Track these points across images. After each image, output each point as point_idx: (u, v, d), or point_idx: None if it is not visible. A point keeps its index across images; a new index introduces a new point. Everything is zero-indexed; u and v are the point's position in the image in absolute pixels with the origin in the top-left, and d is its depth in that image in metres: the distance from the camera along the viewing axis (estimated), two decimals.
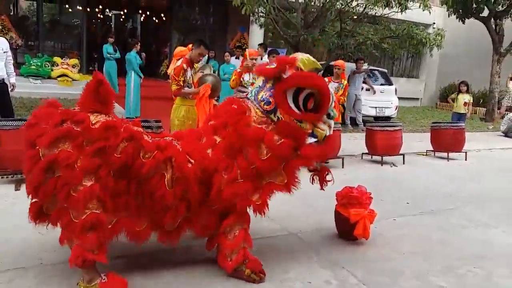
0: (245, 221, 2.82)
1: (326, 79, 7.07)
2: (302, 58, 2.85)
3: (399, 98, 11.92)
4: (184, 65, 4.53)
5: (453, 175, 6.33)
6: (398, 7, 8.90)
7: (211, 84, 4.64)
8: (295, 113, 2.71)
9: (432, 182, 5.85)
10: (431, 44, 9.51)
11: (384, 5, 8.27)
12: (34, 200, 2.47)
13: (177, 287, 2.64)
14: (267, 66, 2.93)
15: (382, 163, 6.79)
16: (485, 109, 14.98)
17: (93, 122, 2.42)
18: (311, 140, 2.77)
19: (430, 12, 8.77)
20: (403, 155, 7.02)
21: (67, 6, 16.41)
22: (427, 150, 7.97)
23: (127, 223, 2.52)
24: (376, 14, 9.29)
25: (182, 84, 4.56)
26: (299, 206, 4.45)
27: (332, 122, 2.92)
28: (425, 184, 5.67)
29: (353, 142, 8.46)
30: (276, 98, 2.73)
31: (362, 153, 7.20)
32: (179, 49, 5.27)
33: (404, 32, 9.33)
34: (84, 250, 2.37)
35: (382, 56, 15.59)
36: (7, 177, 4.67)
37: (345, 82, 6.95)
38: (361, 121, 10.21)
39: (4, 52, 5.45)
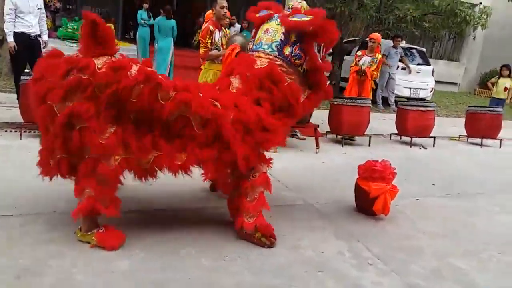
0: (266, 184, 2.73)
1: (360, 53, 6.80)
2: None
3: (436, 82, 11.39)
4: (211, 27, 4.42)
5: (485, 162, 6.02)
6: None
7: (240, 44, 4.51)
8: (320, 64, 2.98)
9: (462, 167, 5.58)
10: (476, 23, 8.92)
11: None
12: (60, 157, 2.37)
13: (178, 245, 2.58)
14: (290, 18, 2.88)
15: (411, 144, 6.54)
16: None
17: (99, 66, 2.30)
18: None
19: None
20: (434, 138, 6.73)
21: None
22: (460, 135, 7.62)
23: (165, 160, 2.44)
24: None
25: (209, 47, 4.45)
26: (319, 179, 4.35)
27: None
28: (454, 169, 5.41)
29: (382, 122, 8.19)
30: (308, 52, 2.90)
31: (391, 134, 6.95)
32: (209, 12, 5.15)
33: (447, 8, 8.78)
34: (97, 201, 2.36)
35: (422, 36, 14.86)
36: (34, 132, 4.76)
37: (379, 56, 6.65)
38: (393, 101, 9.84)
39: (38, 9, 5.48)
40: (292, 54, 2.87)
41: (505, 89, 8.82)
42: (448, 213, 3.66)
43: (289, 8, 3.17)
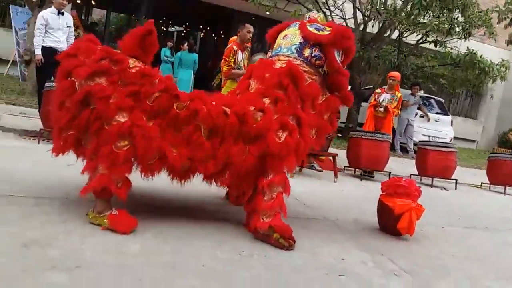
0: (284, 185, 2.64)
1: (379, 90, 6.82)
2: None
3: (454, 138, 11.32)
4: (234, 47, 4.52)
5: (510, 205, 5.77)
6: (462, 33, 8.54)
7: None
8: (341, 68, 2.99)
9: (487, 207, 5.35)
10: (495, 75, 8.96)
11: (447, 31, 7.94)
12: (68, 133, 2.39)
13: (193, 237, 2.44)
14: (309, 26, 2.96)
15: (432, 185, 6.33)
16: None
17: (130, 66, 2.40)
18: None
19: (495, 40, 8.32)
20: (456, 180, 6.52)
21: (133, 16, 17.35)
22: (482, 183, 7.38)
23: (167, 162, 2.41)
24: (438, 39, 8.97)
25: (232, 65, 4.52)
26: (339, 202, 4.20)
27: None
28: (479, 207, 5.19)
29: (401, 165, 8.03)
30: (328, 55, 2.89)
31: (411, 174, 6.77)
32: (232, 38, 5.29)
33: (466, 59, 8.88)
34: (110, 179, 2.28)
35: (439, 92, 15.02)
36: (51, 141, 4.77)
37: (399, 94, 6.64)
38: (412, 148, 9.72)
39: (67, 27, 5.72)
40: (312, 55, 2.87)
41: None
42: (476, 242, 3.44)
43: (306, 18, 3.23)
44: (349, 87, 3.20)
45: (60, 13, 5.66)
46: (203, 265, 2.09)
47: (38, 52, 5.60)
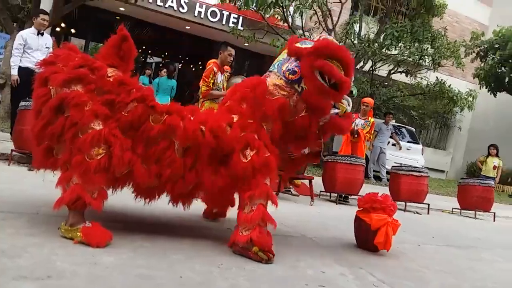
0: (266, 196, 2.56)
1: (353, 116, 6.98)
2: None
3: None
4: (214, 68, 4.59)
5: (482, 227, 5.91)
6: (431, 64, 8.95)
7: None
8: (320, 83, 2.66)
9: (459, 228, 5.46)
10: (463, 104, 9.37)
11: (418, 58, 8.32)
12: (41, 145, 2.35)
13: (169, 251, 2.38)
14: (297, 44, 2.84)
15: (405, 209, 6.43)
16: None
17: (108, 75, 2.40)
18: (334, 110, 2.82)
19: (463, 70, 8.75)
20: (428, 205, 6.65)
21: None
22: (453, 208, 7.56)
23: (137, 178, 2.37)
24: (409, 69, 9.36)
25: (211, 86, 4.57)
26: (316, 222, 4.20)
27: (350, 99, 2.91)
28: (452, 229, 5.29)
29: (375, 191, 8.12)
30: (302, 69, 2.69)
31: None
32: (212, 60, 5.37)
33: (436, 88, 9.27)
34: (84, 190, 2.22)
35: (410, 123, 15.52)
36: (22, 164, 4.63)
37: (372, 120, 6.82)
38: (384, 175, 9.91)
39: (46, 47, 5.67)
40: (287, 69, 2.75)
41: (494, 167, 8.99)
42: (450, 257, 3.49)
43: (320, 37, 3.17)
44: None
45: (40, 33, 5.61)
46: (180, 276, 2.03)
47: (14, 72, 5.48)
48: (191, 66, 19.90)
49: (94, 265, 1.98)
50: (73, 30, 15.47)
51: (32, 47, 5.52)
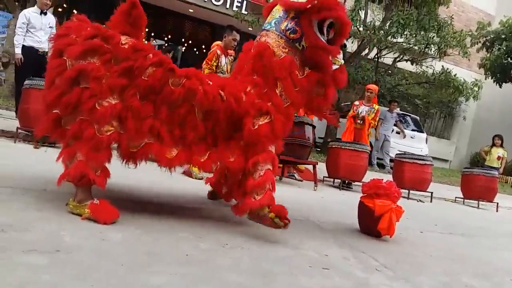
0: (272, 161, 2.60)
1: (357, 102, 6.97)
2: None
3: None
4: (218, 51, 4.56)
5: (485, 217, 5.93)
6: (437, 53, 8.86)
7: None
8: (321, 42, 2.70)
9: (461, 217, 5.48)
10: (468, 94, 9.30)
11: (424, 46, 8.24)
12: (52, 111, 2.33)
13: (175, 229, 2.40)
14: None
15: (408, 197, 6.45)
16: None
17: (122, 42, 2.37)
18: (334, 67, 2.82)
19: (468, 59, 8.67)
20: (432, 193, 6.66)
21: None
22: (456, 197, 7.57)
23: (155, 149, 2.38)
24: (414, 58, 9.29)
25: (214, 69, 4.55)
26: (319, 206, 4.22)
27: (341, 52, 2.95)
28: (455, 218, 5.31)
29: (378, 177, 8.14)
30: (303, 27, 2.69)
31: None
32: (216, 43, 5.33)
33: (441, 77, 9.20)
34: (88, 166, 2.23)
35: (414, 112, 15.47)
36: (27, 142, 4.65)
37: (377, 106, 6.80)
38: (388, 163, 9.91)
39: (50, 27, 5.64)
40: (287, 28, 2.72)
41: (498, 158, 8.98)
42: (453, 245, 3.50)
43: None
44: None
45: (43, 12, 5.58)
46: (186, 254, 2.05)
47: (18, 51, 5.48)
48: (195, 49, 19.79)
49: (102, 241, 2.00)
50: (75, 11, 15.38)
51: (36, 26, 5.51)
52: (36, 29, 5.51)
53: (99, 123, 2.25)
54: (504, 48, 12.62)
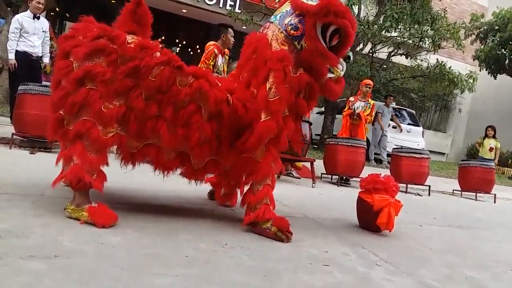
0: (271, 177, 2.66)
1: (352, 98, 6.98)
2: None
3: None
4: (215, 50, 4.54)
5: (483, 208, 5.95)
6: (431, 46, 8.88)
7: None
8: (321, 45, 2.62)
9: (460, 209, 5.50)
10: (463, 86, 9.33)
11: (418, 40, 8.25)
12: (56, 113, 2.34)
13: (174, 231, 2.40)
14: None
15: (406, 191, 6.47)
16: None
17: (129, 41, 2.36)
18: (330, 75, 2.71)
19: (463, 52, 8.69)
20: (429, 186, 6.68)
21: None
22: (454, 190, 7.61)
23: (153, 151, 2.40)
24: (409, 52, 9.30)
25: (211, 68, 4.54)
26: (318, 203, 4.23)
27: (345, 64, 2.83)
28: (453, 210, 5.33)
29: (376, 172, 8.16)
30: (306, 27, 2.61)
31: None
32: (211, 43, 5.32)
33: (436, 70, 9.22)
34: (83, 170, 2.23)
35: (410, 106, 15.50)
36: (22, 148, 4.63)
37: (372, 102, 6.81)
38: (385, 158, 9.93)
39: (43, 31, 5.61)
40: (289, 23, 2.65)
41: (491, 149, 8.99)
42: (452, 237, 3.52)
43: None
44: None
45: (35, 17, 5.55)
46: (186, 255, 2.05)
47: (11, 56, 5.45)
48: (189, 50, 19.76)
49: (101, 245, 1.99)
50: (67, 14, 15.29)
51: (29, 31, 5.48)
52: (29, 33, 5.49)
53: (104, 125, 2.26)
54: (498, 39, 12.67)
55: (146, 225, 2.41)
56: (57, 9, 13.08)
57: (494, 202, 7.15)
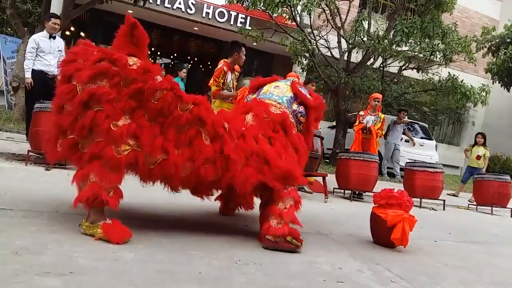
0: (295, 198, 2.77)
1: (362, 112, 6.95)
2: None
3: None
4: (225, 68, 4.61)
5: (499, 223, 5.83)
6: (443, 60, 8.85)
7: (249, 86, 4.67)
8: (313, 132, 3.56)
9: (476, 224, 5.39)
10: (476, 99, 9.24)
11: (429, 54, 8.23)
12: (68, 137, 2.36)
13: (187, 246, 2.40)
14: (299, 87, 3.28)
15: (420, 206, 6.37)
16: None
17: (130, 63, 2.38)
18: None
19: (475, 65, 8.63)
20: (444, 201, 6.58)
21: None
22: (469, 204, 7.48)
23: (170, 166, 2.40)
24: (420, 65, 9.28)
25: (221, 86, 4.59)
26: (331, 219, 4.20)
27: None
28: (469, 225, 5.23)
29: (389, 186, 8.07)
30: (309, 117, 3.25)
31: None
32: (222, 60, 5.40)
33: (448, 84, 9.16)
34: (101, 188, 2.25)
35: (422, 119, 15.38)
36: (38, 165, 4.70)
37: (382, 115, 6.78)
38: (398, 172, 9.83)
39: (58, 51, 5.75)
40: (299, 111, 3.17)
41: (478, 157, 8.72)
42: (468, 253, 3.45)
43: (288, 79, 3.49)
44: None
45: (51, 37, 5.70)
46: (199, 272, 2.05)
47: (28, 75, 5.57)
48: (201, 66, 20.00)
49: (115, 261, 2.01)
50: (82, 34, 15.67)
51: (45, 50, 5.61)
52: (45, 53, 5.62)
53: (116, 143, 2.27)
54: (510, 52, 12.54)
55: (160, 240, 2.42)
56: (72, 28, 13.39)
57: (511, 216, 7.00)
